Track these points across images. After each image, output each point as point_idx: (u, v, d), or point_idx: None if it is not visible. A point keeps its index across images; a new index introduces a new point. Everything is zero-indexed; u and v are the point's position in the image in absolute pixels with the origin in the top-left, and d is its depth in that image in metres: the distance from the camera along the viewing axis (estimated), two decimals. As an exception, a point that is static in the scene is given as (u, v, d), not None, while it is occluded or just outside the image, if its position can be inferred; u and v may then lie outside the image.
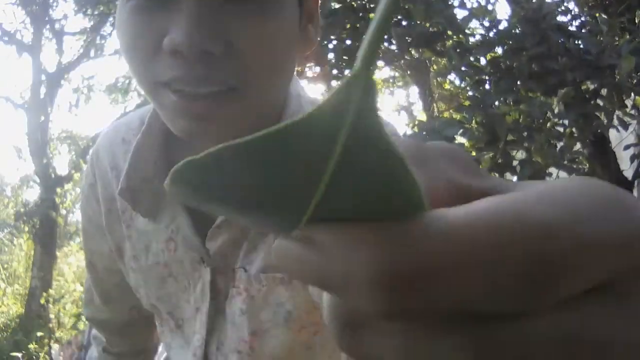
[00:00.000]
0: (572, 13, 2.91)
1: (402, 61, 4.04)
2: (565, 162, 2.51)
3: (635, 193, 3.74)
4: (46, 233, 9.07)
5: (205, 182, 0.16)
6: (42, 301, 8.54)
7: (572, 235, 0.16)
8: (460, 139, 2.39)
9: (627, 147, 3.40)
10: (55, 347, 7.50)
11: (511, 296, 0.15)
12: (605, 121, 2.76)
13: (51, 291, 8.77)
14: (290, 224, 0.17)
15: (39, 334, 7.91)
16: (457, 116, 2.54)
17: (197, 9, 0.52)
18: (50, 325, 8.33)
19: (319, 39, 0.66)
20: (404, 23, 2.88)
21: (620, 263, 0.17)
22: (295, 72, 0.65)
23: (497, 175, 2.64)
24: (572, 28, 2.75)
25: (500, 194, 0.18)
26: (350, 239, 0.16)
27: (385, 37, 3.30)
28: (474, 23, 2.94)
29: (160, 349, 0.98)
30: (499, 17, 2.90)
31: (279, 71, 0.59)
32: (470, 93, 2.59)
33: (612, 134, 3.35)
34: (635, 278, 0.17)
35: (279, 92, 0.64)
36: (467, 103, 2.47)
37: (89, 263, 0.84)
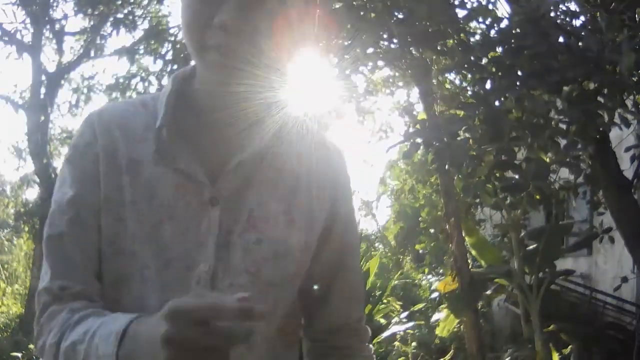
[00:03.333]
0: (573, 11, 2.90)
1: (403, 60, 4.03)
2: (569, 160, 2.50)
3: (635, 193, 3.73)
4: (46, 233, 9.04)
5: None
6: (43, 301, 8.52)
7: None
8: (464, 136, 2.38)
9: (627, 149, 3.40)
10: (56, 347, 7.47)
11: (217, 342, 0.61)
12: (607, 119, 2.75)
13: (51, 291, 8.76)
14: None
15: (39, 334, 7.89)
16: (460, 113, 2.53)
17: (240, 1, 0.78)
18: (51, 325, 8.32)
19: (317, 30, 0.88)
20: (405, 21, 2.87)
21: None
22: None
23: (499, 174, 2.63)
24: (574, 25, 2.74)
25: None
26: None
27: (386, 36, 3.27)
28: (475, 23, 2.93)
29: None
30: (499, 16, 2.89)
31: (287, 52, 0.83)
32: (472, 90, 2.57)
33: (613, 133, 3.34)
34: None
35: (283, 70, 0.84)
36: (470, 101, 2.47)
37: (74, 219, 0.89)
